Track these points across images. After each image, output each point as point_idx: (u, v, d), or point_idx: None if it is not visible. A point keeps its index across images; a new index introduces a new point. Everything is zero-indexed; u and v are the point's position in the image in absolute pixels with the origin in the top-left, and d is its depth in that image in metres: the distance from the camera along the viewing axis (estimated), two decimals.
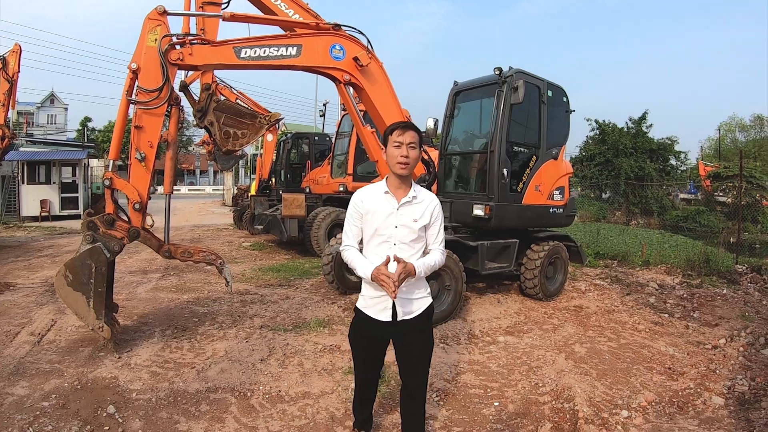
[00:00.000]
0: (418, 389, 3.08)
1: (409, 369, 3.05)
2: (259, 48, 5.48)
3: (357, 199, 2.98)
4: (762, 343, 5.93)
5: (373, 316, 2.96)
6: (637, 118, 29.10)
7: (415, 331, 2.99)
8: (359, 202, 2.95)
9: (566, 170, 8.09)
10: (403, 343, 3.02)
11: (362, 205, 2.93)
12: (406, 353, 3.03)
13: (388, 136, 2.88)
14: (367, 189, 3.02)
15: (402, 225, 2.89)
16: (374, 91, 6.36)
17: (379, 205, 2.90)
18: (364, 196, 2.97)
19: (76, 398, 4.00)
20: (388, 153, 2.88)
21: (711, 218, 22.09)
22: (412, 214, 2.91)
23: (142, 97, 5.02)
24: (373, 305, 2.96)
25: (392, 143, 2.84)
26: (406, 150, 2.81)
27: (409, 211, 2.91)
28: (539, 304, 7.67)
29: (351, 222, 3.00)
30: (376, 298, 2.94)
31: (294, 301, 7.34)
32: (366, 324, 3.01)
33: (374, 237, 2.92)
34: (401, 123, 2.95)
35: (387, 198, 2.90)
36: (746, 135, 55.34)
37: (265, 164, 17.24)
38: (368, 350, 3.11)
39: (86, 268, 4.76)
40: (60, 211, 19.81)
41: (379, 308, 2.95)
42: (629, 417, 4.04)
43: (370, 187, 3.04)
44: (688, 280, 9.81)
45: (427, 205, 2.98)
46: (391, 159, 2.87)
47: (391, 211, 2.88)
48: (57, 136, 46.82)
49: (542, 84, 7.43)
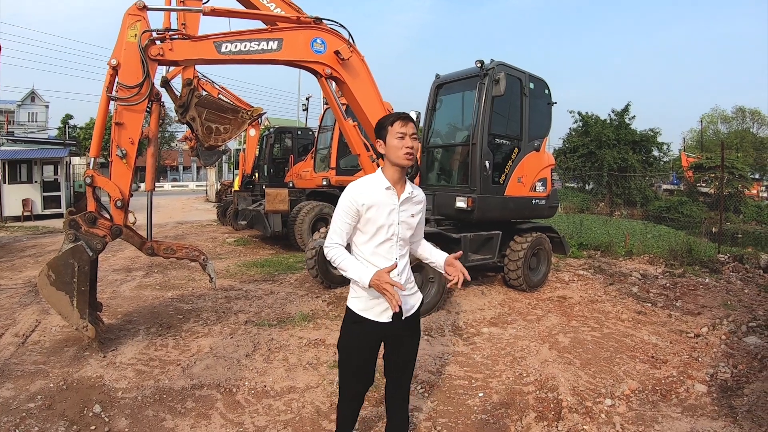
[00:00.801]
0: (407, 380, 3.07)
1: (402, 366, 2.98)
2: (240, 42, 5.45)
3: (355, 193, 2.69)
4: (744, 331, 6.02)
5: (374, 318, 2.76)
6: (620, 110, 29.36)
7: (411, 327, 2.92)
8: (358, 197, 2.68)
9: (548, 162, 8.15)
10: (399, 341, 2.92)
11: (362, 201, 2.67)
12: (400, 351, 2.95)
13: (388, 127, 2.70)
14: (365, 183, 2.76)
15: (403, 221, 2.79)
16: (356, 84, 6.35)
17: (382, 201, 2.71)
18: (363, 190, 2.71)
19: (61, 399, 3.97)
20: (391, 145, 2.69)
21: (693, 208, 22.40)
22: (411, 209, 2.83)
23: (122, 93, 4.97)
24: (374, 306, 2.76)
25: (395, 135, 2.67)
26: (410, 141, 2.68)
27: (410, 206, 2.82)
28: (523, 295, 7.74)
29: (344, 218, 2.71)
30: (377, 298, 2.72)
31: (278, 296, 7.34)
32: (366, 329, 2.79)
33: (376, 236, 2.73)
34: (401, 114, 2.76)
35: (389, 193, 2.73)
36: (728, 126, 56.15)
37: (248, 159, 17.16)
38: (367, 358, 2.88)
39: (69, 267, 4.72)
40: (42, 210, 19.51)
41: (380, 309, 2.75)
42: (613, 405, 4.09)
43: (367, 180, 2.78)
44: (670, 269, 9.93)
45: (421, 200, 2.93)
46: (395, 151, 2.68)
47: (393, 207, 2.74)
48: (38, 134, 46.15)
49: (524, 76, 7.47)
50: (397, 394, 3.07)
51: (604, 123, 28.97)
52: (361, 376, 2.92)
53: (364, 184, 2.75)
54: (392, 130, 2.68)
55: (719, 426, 3.76)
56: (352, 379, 2.92)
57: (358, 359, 2.86)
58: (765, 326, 6.14)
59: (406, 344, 2.94)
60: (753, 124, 55.41)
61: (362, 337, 2.81)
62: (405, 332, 2.89)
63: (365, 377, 2.93)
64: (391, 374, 3.02)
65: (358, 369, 2.89)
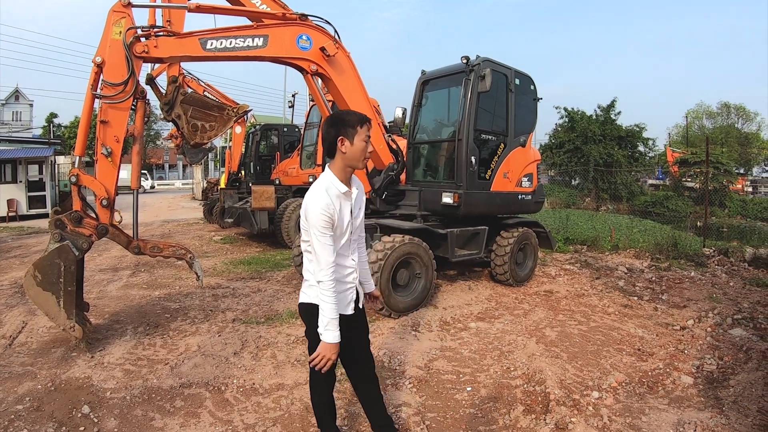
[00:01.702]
0: (373, 371, 3.15)
1: (363, 355, 3.09)
2: (225, 39, 5.43)
3: (327, 205, 2.63)
4: (729, 323, 6.09)
5: (341, 312, 2.80)
6: (605, 106, 29.44)
7: (363, 316, 3.10)
8: (331, 208, 2.64)
9: (534, 157, 8.20)
10: (359, 329, 3.04)
11: (335, 210, 2.66)
12: (358, 341, 3.04)
13: (357, 127, 2.68)
14: (328, 192, 2.69)
15: (356, 216, 2.89)
16: (341, 81, 6.35)
17: (342, 206, 2.73)
18: (331, 200, 2.66)
19: (50, 400, 3.95)
20: (358, 147, 2.68)
21: (679, 203, 22.56)
22: (359, 203, 2.92)
23: (107, 91, 4.95)
24: (341, 300, 2.82)
25: (363, 137, 2.69)
26: (369, 145, 2.77)
27: (359, 202, 2.92)
28: (510, 289, 7.78)
29: (327, 233, 2.65)
30: (343, 292, 2.84)
31: (266, 294, 7.33)
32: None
33: (340, 238, 2.76)
34: (367, 117, 2.79)
35: (346, 197, 2.76)
36: (713, 122, 56.56)
37: (234, 157, 17.03)
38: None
39: (55, 267, 4.69)
40: (28, 210, 19.30)
41: (345, 302, 2.86)
42: (600, 398, 4.12)
43: (325, 189, 2.70)
44: (656, 263, 10.02)
45: (361, 188, 2.99)
46: (359, 153, 2.69)
47: (350, 207, 2.80)
48: (22, 133, 45.68)
49: (509, 72, 7.50)
50: (371, 387, 3.16)
51: (590, 119, 29.06)
52: (329, 372, 2.93)
53: (328, 194, 2.68)
54: (361, 132, 2.69)
55: (706, 417, 3.80)
56: (323, 376, 2.92)
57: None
58: (750, 318, 6.21)
59: (363, 334, 3.10)
60: (738, 120, 55.90)
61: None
62: (360, 320, 3.05)
63: (332, 372, 2.97)
64: (354, 366, 3.10)
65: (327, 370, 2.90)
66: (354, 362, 3.10)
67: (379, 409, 3.19)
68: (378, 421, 3.21)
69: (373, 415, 3.21)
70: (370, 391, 3.16)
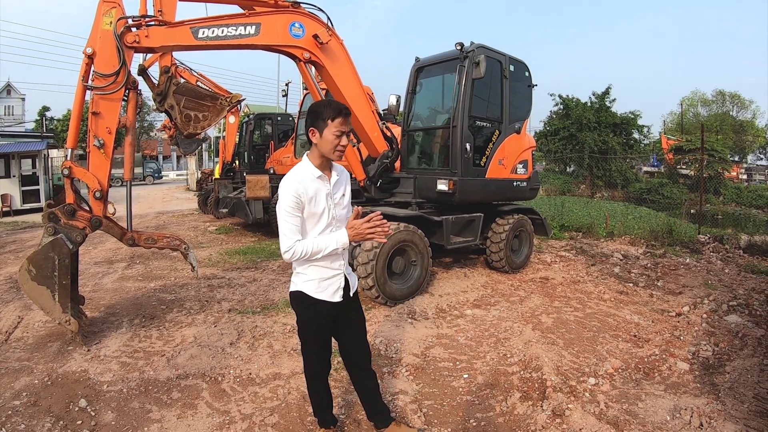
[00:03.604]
0: (368, 360, 3.17)
1: (358, 344, 3.10)
2: (217, 28, 5.37)
3: (294, 187, 2.68)
4: (725, 310, 6.12)
5: (327, 299, 2.85)
6: (600, 93, 29.37)
7: (356, 304, 3.08)
8: (298, 190, 2.68)
9: (529, 144, 8.19)
10: (349, 320, 3.04)
11: (303, 193, 2.69)
12: (353, 329, 3.07)
13: (328, 121, 2.67)
14: (298, 175, 2.75)
15: (337, 203, 2.87)
16: (335, 69, 6.31)
17: (318, 190, 2.76)
18: (300, 185, 2.70)
19: (47, 394, 3.93)
20: (326, 138, 2.69)
21: (674, 190, 22.59)
22: (341, 189, 2.92)
23: (98, 82, 4.89)
24: (326, 288, 2.86)
25: (333, 131, 2.67)
26: (345, 140, 2.74)
27: (339, 188, 2.90)
28: (506, 276, 7.80)
29: (292, 214, 2.69)
30: (329, 279, 2.86)
31: (261, 283, 7.32)
32: (321, 311, 2.87)
33: (318, 224, 2.79)
34: (344, 109, 2.73)
35: (321, 181, 2.77)
36: (708, 110, 56.42)
37: (228, 147, 16.95)
38: (324, 339, 3.01)
39: (49, 260, 4.65)
40: (22, 205, 19.16)
41: (332, 290, 2.87)
42: (597, 384, 4.14)
43: (300, 173, 2.76)
44: (651, 250, 10.06)
45: (346, 177, 2.99)
46: (328, 145, 2.69)
47: (327, 192, 2.80)
48: (15, 127, 45.42)
49: (504, 59, 7.47)
50: (368, 377, 3.19)
51: (585, 106, 28.99)
52: (322, 359, 3.04)
53: (299, 177, 2.74)
54: (331, 125, 2.68)
55: (702, 403, 3.82)
56: (316, 363, 3.05)
57: (320, 341, 2.99)
58: (745, 305, 6.25)
59: (358, 323, 3.09)
60: (732, 108, 55.81)
61: (319, 319, 2.91)
62: (352, 310, 3.04)
63: (326, 359, 3.06)
64: (350, 354, 3.13)
65: (319, 351, 3.02)
66: (349, 352, 3.13)
67: (375, 397, 3.22)
68: (374, 409, 3.24)
69: (369, 404, 3.24)
70: (365, 380, 3.19)
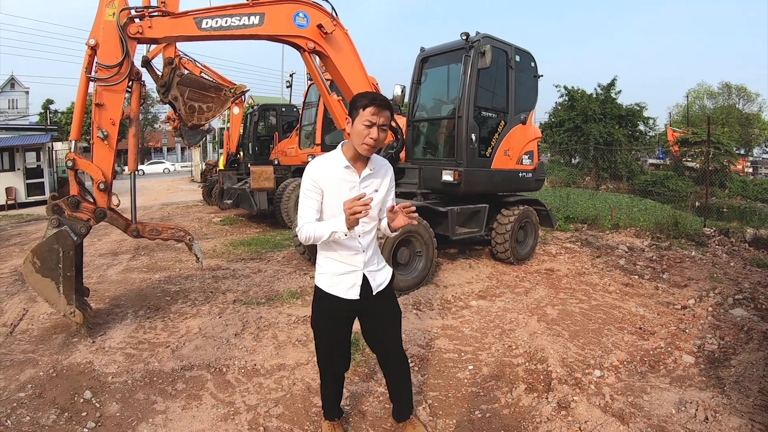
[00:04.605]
0: (401, 360, 3.09)
1: (387, 341, 3.01)
2: (221, 18, 5.35)
3: (314, 172, 2.66)
4: (730, 303, 6.08)
5: (341, 295, 2.77)
6: (606, 85, 29.24)
7: (386, 303, 2.92)
8: (317, 176, 2.65)
9: (535, 135, 8.16)
10: (377, 317, 2.93)
11: (321, 179, 2.64)
12: (381, 326, 2.97)
13: (361, 110, 2.55)
14: (323, 162, 2.70)
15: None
16: (340, 58, 6.27)
17: (340, 180, 2.67)
18: (321, 170, 2.66)
19: (52, 386, 3.93)
20: (356, 129, 2.56)
21: (679, 183, 22.51)
22: (374, 184, 2.76)
23: (101, 73, 4.88)
24: (339, 283, 2.78)
25: (363, 120, 2.53)
26: (377, 132, 2.56)
27: (372, 181, 2.75)
28: (511, 268, 7.78)
29: (310, 197, 2.67)
30: (344, 274, 2.78)
31: (266, 274, 7.32)
32: (333, 306, 2.80)
33: (334, 211, 2.66)
34: (379, 99, 2.57)
35: (348, 171, 2.67)
36: (714, 102, 56.10)
37: (232, 138, 16.95)
38: (338, 337, 2.91)
39: (54, 253, 4.65)
40: (26, 198, 19.24)
41: (347, 285, 2.78)
42: (602, 376, 4.12)
43: (326, 159, 2.72)
44: (657, 242, 10.01)
45: (384, 173, 2.81)
46: (357, 137, 2.56)
47: (354, 185, 2.68)
48: (19, 121, 45.48)
49: (510, 49, 7.42)
50: (398, 371, 3.12)
51: (590, 97, 28.85)
52: (335, 356, 2.96)
53: (323, 163, 2.70)
54: (363, 114, 2.55)
55: (707, 396, 3.79)
56: (327, 359, 2.96)
57: (329, 337, 2.91)
58: (751, 299, 6.21)
59: (383, 320, 2.95)
60: (739, 100, 55.46)
61: (330, 314, 2.84)
62: (379, 308, 2.91)
63: (339, 358, 2.98)
64: (380, 349, 3.06)
65: (330, 348, 2.93)
66: (374, 349, 3.11)
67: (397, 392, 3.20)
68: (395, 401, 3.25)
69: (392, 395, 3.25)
70: (389, 376, 3.16)
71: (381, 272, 2.92)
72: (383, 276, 2.93)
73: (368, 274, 2.81)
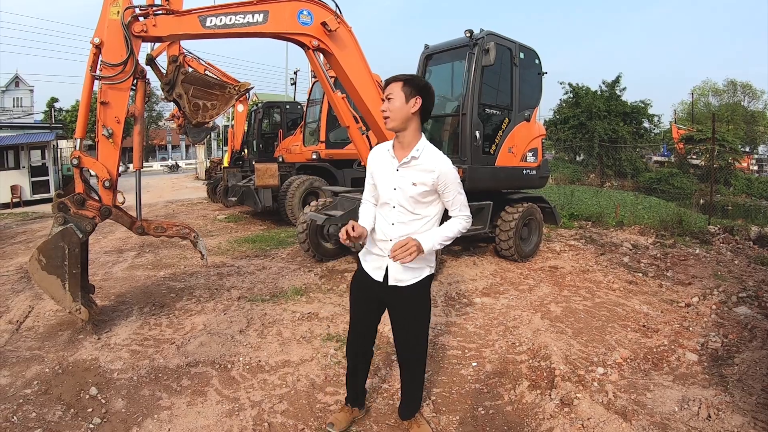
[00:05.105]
0: (413, 361, 3.10)
1: (401, 337, 3.05)
2: (225, 16, 5.34)
3: (370, 156, 2.96)
4: (734, 301, 6.06)
5: (368, 271, 2.95)
6: (610, 82, 29.21)
7: (407, 299, 2.90)
8: (370, 161, 2.94)
9: (539, 132, 8.14)
10: (396, 313, 2.98)
11: (371, 164, 2.92)
12: (397, 320, 3.01)
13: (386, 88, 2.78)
14: (379, 146, 2.96)
15: (399, 187, 2.75)
16: (344, 56, 6.27)
17: (383, 164, 2.85)
18: (374, 153, 2.95)
19: (58, 383, 3.95)
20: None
21: (684, 180, 22.51)
22: (411, 176, 2.73)
23: (106, 71, 4.88)
24: (368, 260, 2.97)
25: (383, 96, 2.77)
26: (386, 104, 2.70)
27: (408, 173, 2.73)
28: (515, 265, 7.78)
29: (368, 178, 2.98)
30: (371, 254, 2.94)
31: (271, 271, 7.34)
32: (362, 276, 2.99)
33: (381, 197, 2.86)
34: (400, 76, 2.75)
35: (389, 157, 2.81)
36: (719, 99, 55.92)
37: (236, 135, 17.02)
38: (363, 304, 3.05)
39: (59, 250, 4.66)
40: (31, 195, 19.27)
41: (374, 265, 2.92)
42: (605, 374, 4.12)
43: (382, 144, 2.95)
44: (661, 240, 9.99)
45: (432, 170, 2.72)
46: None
47: (392, 171, 2.78)
48: (24, 119, 45.59)
49: (514, 46, 7.41)
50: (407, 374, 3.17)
51: (595, 94, 28.84)
52: (356, 332, 3.09)
53: (378, 147, 2.96)
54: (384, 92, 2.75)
55: (710, 394, 3.79)
56: (351, 334, 3.11)
57: (355, 305, 3.09)
58: (755, 297, 6.19)
59: (404, 317, 2.98)
60: (744, 98, 55.31)
61: (359, 284, 3.04)
62: (399, 305, 2.94)
63: (359, 336, 3.10)
64: (396, 345, 3.14)
65: (355, 320, 3.10)
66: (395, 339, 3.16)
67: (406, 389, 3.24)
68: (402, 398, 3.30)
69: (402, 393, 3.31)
70: (404, 376, 3.21)
71: (408, 271, 2.85)
72: (409, 275, 2.86)
73: (390, 264, 2.82)
